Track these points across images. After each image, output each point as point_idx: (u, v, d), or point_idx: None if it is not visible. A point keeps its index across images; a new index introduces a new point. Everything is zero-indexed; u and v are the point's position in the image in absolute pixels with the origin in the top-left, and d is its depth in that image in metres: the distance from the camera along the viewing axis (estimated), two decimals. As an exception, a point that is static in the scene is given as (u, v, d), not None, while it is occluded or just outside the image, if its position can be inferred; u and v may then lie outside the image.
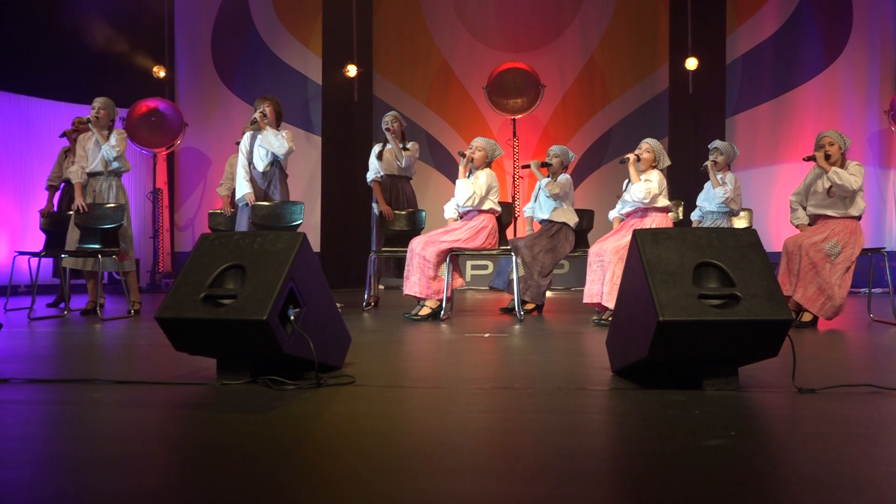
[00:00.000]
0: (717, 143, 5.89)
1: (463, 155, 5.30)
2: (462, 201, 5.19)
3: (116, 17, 9.23)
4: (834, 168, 4.71)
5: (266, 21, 10.15)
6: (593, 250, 4.84)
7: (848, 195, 4.72)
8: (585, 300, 4.84)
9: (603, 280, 4.70)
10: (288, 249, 2.64)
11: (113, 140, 5.60)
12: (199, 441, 1.96)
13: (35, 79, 8.63)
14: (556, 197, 5.71)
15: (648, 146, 4.90)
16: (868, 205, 4.94)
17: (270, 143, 5.53)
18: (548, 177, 5.87)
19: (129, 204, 5.82)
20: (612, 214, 5.55)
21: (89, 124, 5.66)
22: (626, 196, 4.95)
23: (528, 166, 6.08)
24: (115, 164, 5.65)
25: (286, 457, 1.75)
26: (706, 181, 5.88)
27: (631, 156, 4.88)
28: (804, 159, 4.94)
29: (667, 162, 4.94)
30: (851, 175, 4.67)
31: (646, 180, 4.80)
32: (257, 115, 5.57)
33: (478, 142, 5.34)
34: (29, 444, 1.96)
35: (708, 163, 5.83)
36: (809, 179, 4.95)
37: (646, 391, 2.50)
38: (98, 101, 5.73)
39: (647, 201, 4.75)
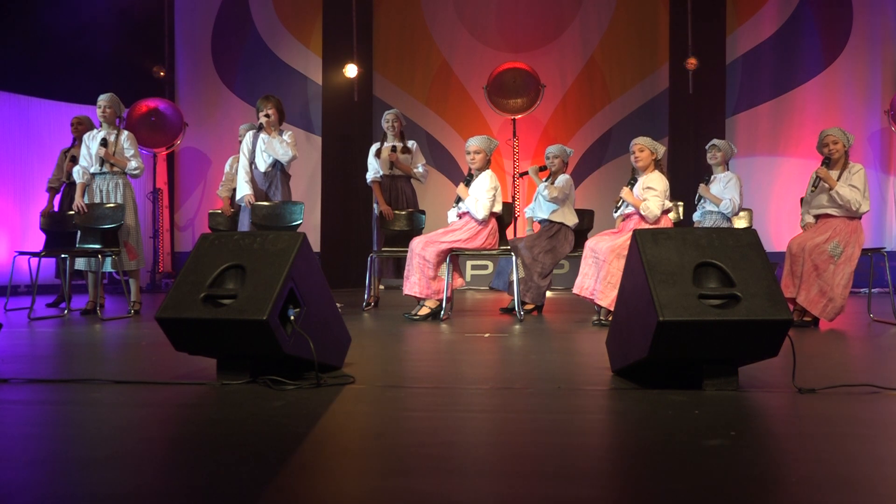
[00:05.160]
0: (714, 141, 5.85)
1: (469, 179, 5.28)
2: (484, 215, 5.16)
3: (116, 17, 9.22)
4: (837, 187, 4.71)
5: (266, 21, 10.15)
6: (589, 244, 4.86)
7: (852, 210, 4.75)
8: (575, 290, 4.88)
9: (597, 277, 4.73)
10: (288, 249, 2.63)
11: (127, 143, 5.65)
12: (199, 441, 1.96)
13: (35, 79, 8.61)
14: (555, 200, 5.70)
15: (640, 145, 4.91)
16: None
17: (275, 150, 5.53)
18: (547, 178, 5.86)
19: (136, 202, 5.82)
20: (617, 214, 5.56)
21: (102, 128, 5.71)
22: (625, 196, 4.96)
23: (525, 174, 6.07)
24: (136, 172, 5.68)
25: (286, 456, 1.75)
26: (707, 179, 5.85)
27: (624, 191, 4.89)
28: (813, 187, 4.90)
29: (663, 148, 4.96)
30: (853, 188, 4.69)
31: (646, 189, 4.81)
32: (262, 119, 5.55)
33: (474, 144, 5.32)
34: (29, 444, 1.96)
35: (701, 186, 5.80)
36: (814, 180, 4.96)
37: (646, 391, 2.50)
38: (104, 99, 5.72)
39: (653, 221, 4.78)
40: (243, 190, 5.58)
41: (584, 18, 9.88)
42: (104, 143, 5.61)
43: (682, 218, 6.87)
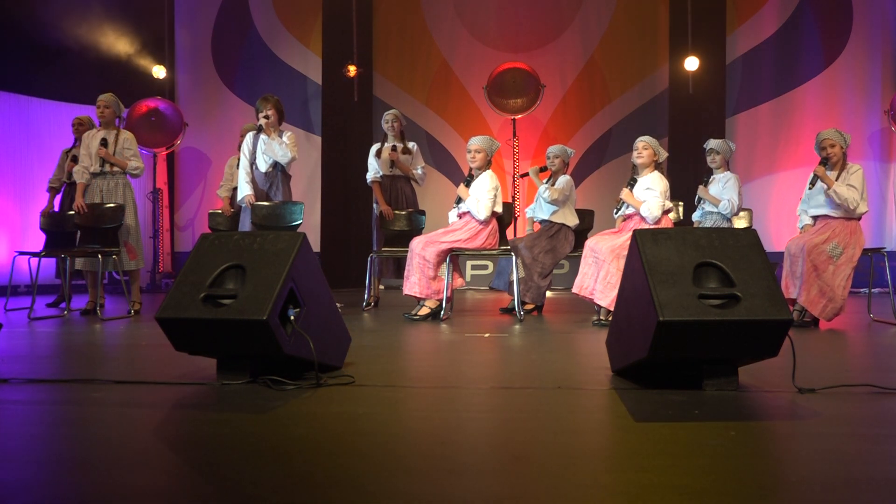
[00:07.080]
0: (711, 143, 5.79)
1: (469, 179, 5.28)
2: (486, 215, 5.16)
3: (117, 17, 9.22)
4: (835, 185, 4.72)
5: (266, 21, 10.14)
6: (589, 244, 4.87)
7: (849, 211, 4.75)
8: (574, 290, 4.89)
9: (596, 277, 4.74)
10: (288, 249, 2.63)
11: (127, 143, 5.65)
12: (199, 441, 1.96)
13: (35, 79, 8.61)
14: (555, 202, 5.70)
15: (645, 143, 4.91)
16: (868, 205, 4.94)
17: (274, 151, 5.53)
18: (549, 179, 5.86)
19: (136, 202, 5.82)
20: (618, 216, 5.56)
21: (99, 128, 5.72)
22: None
23: (526, 174, 6.07)
24: (136, 172, 5.68)
25: (286, 457, 1.75)
26: (706, 180, 5.85)
27: (624, 192, 4.91)
28: (810, 185, 4.92)
29: (664, 154, 4.97)
30: (850, 188, 4.69)
31: (646, 190, 4.81)
32: (262, 120, 5.54)
33: (475, 143, 5.32)
34: (29, 444, 1.96)
35: (700, 188, 5.78)
36: (812, 179, 4.96)
37: (646, 391, 2.50)
38: (103, 99, 5.72)
39: (653, 222, 4.78)
40: (244, 190, 5.58)
41: (584, 18, 9.88)
42: (104, 142, 5.61)
43: (682, 218, 6.87)
